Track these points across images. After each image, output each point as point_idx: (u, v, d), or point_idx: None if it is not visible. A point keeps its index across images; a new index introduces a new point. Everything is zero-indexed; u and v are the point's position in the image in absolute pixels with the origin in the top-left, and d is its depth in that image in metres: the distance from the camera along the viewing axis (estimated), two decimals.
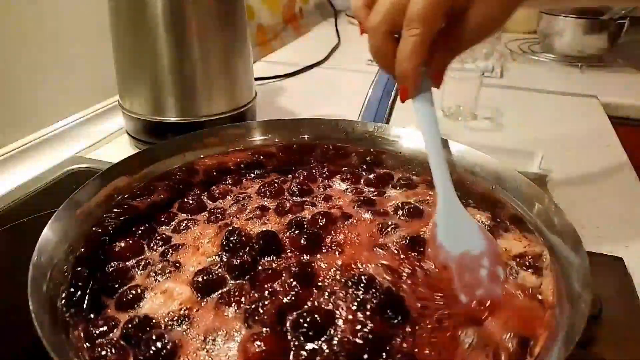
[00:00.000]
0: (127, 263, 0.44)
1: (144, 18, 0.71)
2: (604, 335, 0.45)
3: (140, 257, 0.45)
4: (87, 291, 0.41)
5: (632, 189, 0.74)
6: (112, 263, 0.44)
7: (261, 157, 0.59)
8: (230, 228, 0.46)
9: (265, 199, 0.54)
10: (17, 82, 0.80)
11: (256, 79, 0.89)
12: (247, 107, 0.82)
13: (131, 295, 0.40)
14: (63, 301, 0.37)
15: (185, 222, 0.50)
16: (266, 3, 1.44)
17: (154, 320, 0.38)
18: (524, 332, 0.37)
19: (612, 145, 0.88)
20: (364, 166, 0.59)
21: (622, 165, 0.81)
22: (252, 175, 0.58)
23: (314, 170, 0.58)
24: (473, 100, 0.96)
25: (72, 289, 0.39)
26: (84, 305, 0.40)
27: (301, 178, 0.57)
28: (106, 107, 0.94)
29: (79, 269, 0.41)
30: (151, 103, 0.76)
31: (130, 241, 0.46)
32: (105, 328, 0.37)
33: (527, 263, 0.43)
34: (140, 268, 0.44)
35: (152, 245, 0.47)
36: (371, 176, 0.57)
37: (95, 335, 0.37)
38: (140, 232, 0.48)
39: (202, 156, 0.57)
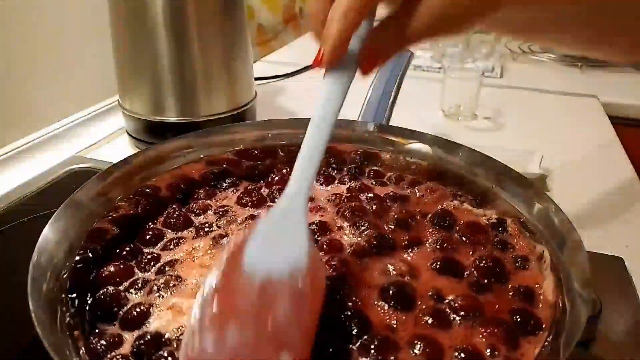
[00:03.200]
0: (119, 287, 0.41)
1: (143, 18, 0.71)
2: (604, 335, 0.45)
3: (134, 279, 0.43)
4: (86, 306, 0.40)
5: (632, 189, 0.74)
6: (104, 289, 0.41)
7: (224, 165, 0.57)
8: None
9: (248, 208, 0.52)
10: (17, 82, 0.80)
11: (256, 79, 0.89)
12: (247, 107, 0.82)
13: (136, 313, 0.38)
14: (62, 301, 0.37)
15: (175, 239, 0.47)
16: (266, 3, 1.44)
17: (165, 336, 0.36)
18: None
19: (612, 145, 0.88)
20: (333, 166, 0.59)
21: (622, 165, 0.81)
22: (224, 184, 0.56)
23: (285, 171, 0.57)
24: (473, 100, 0.96)
25: (71, 292, 0.39)
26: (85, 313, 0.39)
27: (277, 185, 0.55)
28: (106, 107, 0.94)
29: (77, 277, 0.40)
30: (151, 103, 0.76)
31: (120, 265, 0.43)
32: (110, 343, 0.36)
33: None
34: (138, 288, 0.41)
35: (142, 265, 0.44)
36: (345, 176, 0.57)
37: (100, 350, 0.35)
38: (125, 253, 0.45)
39: (202, 156, 0.56)
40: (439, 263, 0.42)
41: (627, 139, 0.90)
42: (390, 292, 0.38)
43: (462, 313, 0.37)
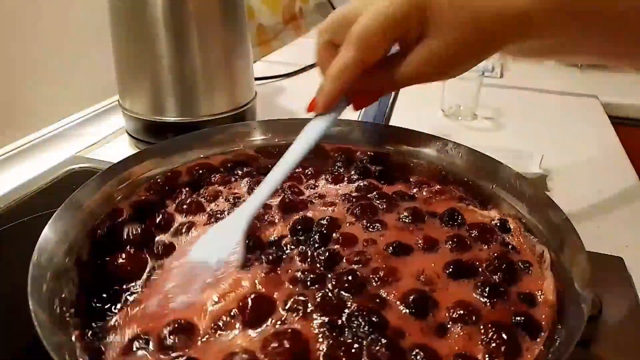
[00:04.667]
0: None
1: (144, 18, 0.71)
2: (604, 335, 0.45)
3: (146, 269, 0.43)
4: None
5: (632, 189, 0.74)
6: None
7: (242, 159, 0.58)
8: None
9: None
10: (17, 82, 0.80)
11: (256, 79, 0.89)
12: (247, 107, 0.82)
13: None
14: (63, 301, 0.37)
15: (186, 225, 0.48)
16: (266, 3, 1.44)
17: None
18: None
19: (612, 145, 0.88)
20: (339, 164, 0.59)
21: (622, 165, 0.81)
22: (240, 173, 0.57)
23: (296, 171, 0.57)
24: (473, 100, 0.96)
25: (71, 290, 0.39)
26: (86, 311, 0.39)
27: (289, 181, 0.56)
28: (106, 107, 0.94)
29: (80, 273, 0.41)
30: (151, 103, 0.76)
31: (131, 252, 0.44)
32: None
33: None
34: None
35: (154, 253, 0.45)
36: (353, 175, 0.57)
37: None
38: (138, 240, 0.46)
39: (202, 156, 0.56)
40: (453, 266, 0.42)
41: (627, 139, 0.90)
42: (411, 299, 0.38)
43: (460, 322, 0.37)
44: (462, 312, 0.37)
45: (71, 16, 0.87)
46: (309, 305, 0.37)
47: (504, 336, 0.35)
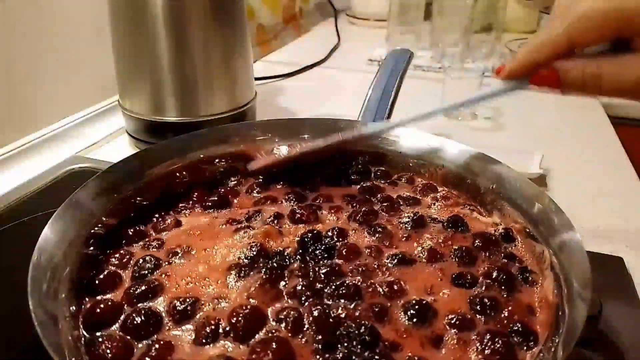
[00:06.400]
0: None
1: (143, 18, 0.71)
2: (604, 335, 0.45)
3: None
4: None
5: (632, 189, 0.74)
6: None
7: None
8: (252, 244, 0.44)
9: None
10: (17, 82, 0.80)
11: (256, 79, 0.89)
12: (247, 107, 0.82)
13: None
14: (63, 301, 0.37)
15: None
16: (266, 3, 1.44)
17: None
18: None
19: (612, 145, 0.88)
20: (340, 166, 0.59)
21: (622, 165, 0.81)
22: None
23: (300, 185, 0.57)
24: None
25: (71, 290, 0.39)
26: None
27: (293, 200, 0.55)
28: (106, 107, 0.94)
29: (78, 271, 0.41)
30: (151, 103, 0.76)
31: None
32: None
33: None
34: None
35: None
36: (353, 176, 0.57)
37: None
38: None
39: (201, 156, 0.56)
40: (453, 277, 0.42)
41: (627, 139, 0.90)
42: (411, 307, 0.38)
43: (457, 329, 0.37)
44: (459, 318, 0.37)
45: (71, 16, 0.87)
46: (304, 320, 0.37)
47: (499, 344, 0.35)
